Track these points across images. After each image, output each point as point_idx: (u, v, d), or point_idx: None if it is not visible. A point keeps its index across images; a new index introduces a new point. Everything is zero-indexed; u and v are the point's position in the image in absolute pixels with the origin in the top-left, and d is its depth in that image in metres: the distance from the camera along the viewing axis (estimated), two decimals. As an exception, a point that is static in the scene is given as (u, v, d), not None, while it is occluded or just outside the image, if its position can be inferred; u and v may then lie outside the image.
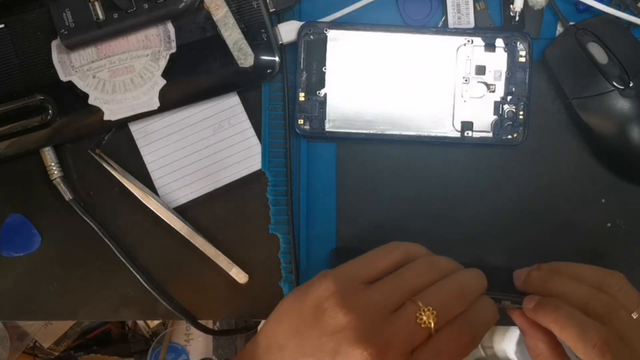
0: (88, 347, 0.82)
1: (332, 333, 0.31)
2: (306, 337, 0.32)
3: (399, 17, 0.45)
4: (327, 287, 0.33)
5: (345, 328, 0.31)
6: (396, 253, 0.36)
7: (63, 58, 0.43)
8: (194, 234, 0.44)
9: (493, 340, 0.70)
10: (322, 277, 0.34)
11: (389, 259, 0.35)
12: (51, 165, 0.44)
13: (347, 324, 0.31)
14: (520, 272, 0.40)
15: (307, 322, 0.33)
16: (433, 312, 0.32)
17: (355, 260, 0.35)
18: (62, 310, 0.46)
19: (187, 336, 0.80)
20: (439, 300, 0.32)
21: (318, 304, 0.33)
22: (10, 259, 0.46)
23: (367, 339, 0.31)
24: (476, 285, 0.35)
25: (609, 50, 0.42)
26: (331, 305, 0.32)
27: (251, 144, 0.45)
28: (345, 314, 0.31)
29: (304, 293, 0.34)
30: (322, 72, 0.43)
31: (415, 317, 0.31)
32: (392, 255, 0.35)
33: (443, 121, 0.44)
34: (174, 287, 0.46)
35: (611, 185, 0.45)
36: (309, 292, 0.33)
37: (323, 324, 0.32)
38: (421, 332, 0.31)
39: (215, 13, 0.43)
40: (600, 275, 0.37)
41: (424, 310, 0.32)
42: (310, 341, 0.32)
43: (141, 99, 0.43)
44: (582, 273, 0.37)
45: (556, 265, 0.39)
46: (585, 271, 0.37)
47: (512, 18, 0.45)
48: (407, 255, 0.36)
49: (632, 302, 0.35)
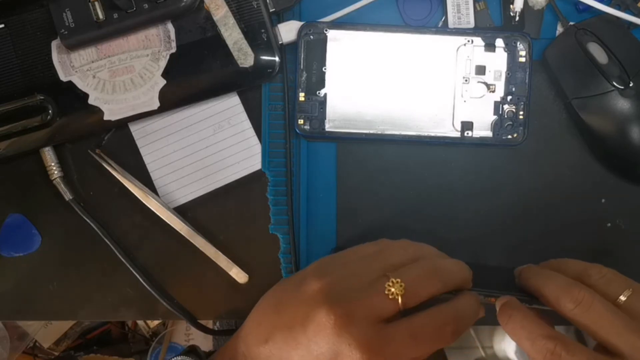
0: (88, 347, 0.82)
1: (306, 299, 0.33)
2: (284, 308, 0.34)
3: (399, 17, 0.45)
4: (313, 265, 0.35)
5: (317, 293, 0.33)
6: (383, 242, 0.37)
7: (63, 58, 0.43)
8: (194, 234, 0.44)
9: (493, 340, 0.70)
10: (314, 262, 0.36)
11: (375, 246, 0.37)
12: (51, 165, 0.44)
13: (320, 289, 0.33)
14: (518, 270, 0.40)
15: (288, 295, 0.35)
16: (402, 285, 0.33)
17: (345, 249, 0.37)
18: (62, 310, 0.46)
19: (187, 336, 0.80)
20: (410, 275, 0.33)
21: (300, 279, 0.35)
22: (10, 259, 0.46)
23: (333, 303, 0.32)
24: (454, 271, 0.36)
25: (609, 50, 0.42)
26: (309, 276, 0.34)
27: (251, 144, 0.45)
28: (318, 281, 0.33)
29: (291, 276, 0.37)
30: (322, 72, 0.43)
31: (384, 288, 0.32)
32: (379, 244, 0.37)
33: (443, 121, 0.44)
34: (174, 287, 0.46)
35: (611, 185, 0.45)
36: (296, 274, 0.36)
37: (301, 293, 0.34)
38: (389, 302, 0.32)
39: (215, 13, 0.43)
40: (584, 265, 0.36)
41: (392, 281, 0.33)
42: (286, 310, 0.34)
43: (141, 99, 0.43)
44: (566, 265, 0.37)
45: (552, 261, 0.39)
46: (570, 263, 0.38)
47: (512, 18, 0.45)
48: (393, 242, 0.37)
49: (617, 288, 0.34)
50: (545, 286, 0.35)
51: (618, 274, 0.35)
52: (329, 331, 0.31)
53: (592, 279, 0.35)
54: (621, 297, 0.34)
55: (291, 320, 0.33)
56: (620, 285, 0.34)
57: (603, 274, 0.35)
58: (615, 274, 0.35)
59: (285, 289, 0.36)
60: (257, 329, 0.35)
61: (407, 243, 0.37)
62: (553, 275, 0.36)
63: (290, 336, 0.33)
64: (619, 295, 0.34)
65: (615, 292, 0.34)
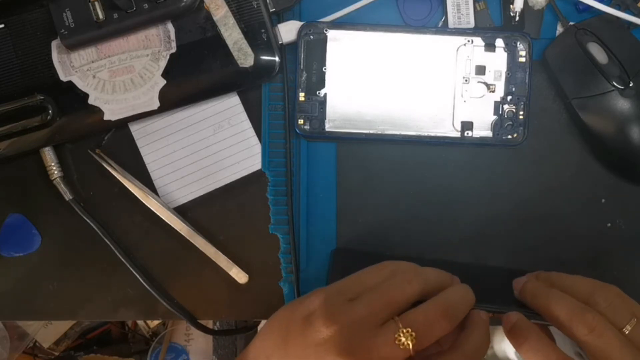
0: (88, 347, 0.83)
1: (315, 345, 0.32)
2: (291, 347, 0.33)
3: (399, 17, 0.45)
4: (317, 301, 0.34)
5: (327, 341, 0.32)
6: (386, 268, 0.36)
7: (63, 58, 0.43)
8: (194, 234, 0.44)
9: (493, 341, 0.71)
10: (315, 292, 0.35)
11: (379, 274, 0.36)
12: (51, 165, 0.44)
13: (329, 337, 0.32)
14: (518, 282, 0.40)
15: (295, 334, 0.34)
16: (412, 334, 0.32)
17: (347, 277, 0.36)
18: (62, 310, 0.46)
19: (187, 336, 0.80)
20: (420, 321, 0.33)
21: (307, 316, 0.33)
22: (10, 259, 0.46)
23: (346, 353, 0.31)
24: (462, 303, 0.35)
25: (609, 50, 0.42)
26: (317, 318, 0.33)
27: (251, 144, 0.45)
28: (327, 327, 0.32)
29: (297, 305, 0.35)
30: (322, 72, 0.43)
31: (394, 338, 0.32)
32: (382, 271, 0.36)
33: (443, 121, 0.44)
34: (174, 287, 0.46)
35: (611, 185, 0.45)
36: (301, 305, 0.34)
37: (308, 336, 0.33)
38: (399, 352, 0.32)
39: (215, 13, 0.43)
40: (591, 289, 0.36)
41: (402, 332, 0.32)
42: (294, 351, 0.33)
43: (141, 99, 0.43)
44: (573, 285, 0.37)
45: (552, 275, 0.39)
46: (577, 283, 0.37)
47: (512, 18, 0.45)
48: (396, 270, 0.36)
49: (622, 317, 0.35)
50: (556, 309, 0.35)
51: (623, 299, 0.36)
52: None
53: (599, 307, 0.35)
54: (627, 326, 0.34)
55: None
56: (626, 314, 0.35)
57: (610, 301, 0.35)
58: (621, 299, 0.36)
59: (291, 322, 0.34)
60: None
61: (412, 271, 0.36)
62: (564, 298, 0.36)
63: None
64: (625, 324, 0.34)
65: (621, 322, 0.35)
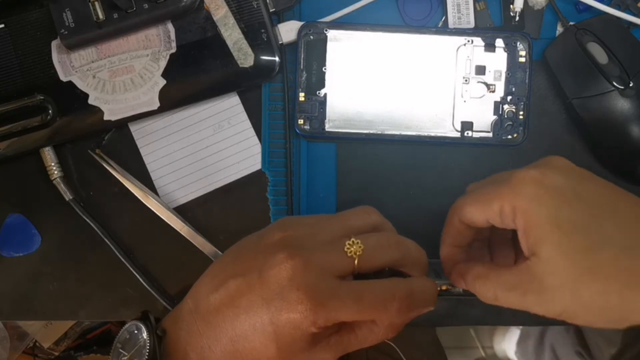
0: (88, 347, 0.82)
1: (265, 248, 0.33)
2: (242, 258, 0.34)
3: (399, 17, 0.45)
4: (277, 222, 0.36)
5: (278, 242, 0.33)
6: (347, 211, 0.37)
7: (63, 58, 0.43)
8: (194, 234, 0.44)
9: (493, 340, 0.70)
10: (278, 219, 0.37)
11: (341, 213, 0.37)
12: (51, 165, 0.44)
13: (281, 239, 0.33)
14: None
15: (249, 246, 0.35)
16: (361, 246, 0.33)
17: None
18: (62, 310, 0.46)
19: (187, 336, 0.80)
20: (371, 240, 0.34)
21: (264, 232, 0.35)
22: (10, 259, 0.46)
23: (293, 251, 0.32)
24: (413, 250, 0.36)
25: (609, 50, 0.42)
26: (273, 228, 0.35)
27: (251, 144, 0.45)
28: (281, 232, 0.34)
29: (258, 231, 0.36)
30: (322, 72, 0.43)
31: (344, 246, 0.33)
32: (344, 212, 0.37)
33: (443, 121, 0.44)
34: (174, 287, 0.46)
35: (611, 185, 0.45)
36: (262, 229, 0.36)
37: (261, 243, 0.34)
38: (345, 260, 0.33)
39: (215, 13, 0.43)
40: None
41: (353, 241, 0.33)
42: (245, 259, 0.34)
43: (141, 99, 0.43)
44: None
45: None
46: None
47: (512, 18, 0.45)
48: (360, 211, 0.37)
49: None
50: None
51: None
52: (283, 274, 0.31)
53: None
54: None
55: (248, 268, 0.33)
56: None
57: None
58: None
59: (246, 243, 0.36)
60: (211, 281, 0.34)
61: (373, 210, 0.37)
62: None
63: (244, 282, 0.33)
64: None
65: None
